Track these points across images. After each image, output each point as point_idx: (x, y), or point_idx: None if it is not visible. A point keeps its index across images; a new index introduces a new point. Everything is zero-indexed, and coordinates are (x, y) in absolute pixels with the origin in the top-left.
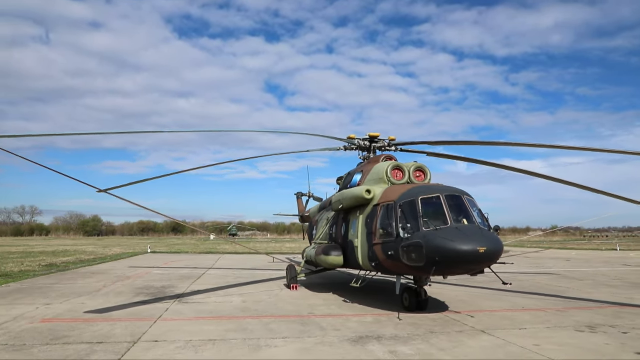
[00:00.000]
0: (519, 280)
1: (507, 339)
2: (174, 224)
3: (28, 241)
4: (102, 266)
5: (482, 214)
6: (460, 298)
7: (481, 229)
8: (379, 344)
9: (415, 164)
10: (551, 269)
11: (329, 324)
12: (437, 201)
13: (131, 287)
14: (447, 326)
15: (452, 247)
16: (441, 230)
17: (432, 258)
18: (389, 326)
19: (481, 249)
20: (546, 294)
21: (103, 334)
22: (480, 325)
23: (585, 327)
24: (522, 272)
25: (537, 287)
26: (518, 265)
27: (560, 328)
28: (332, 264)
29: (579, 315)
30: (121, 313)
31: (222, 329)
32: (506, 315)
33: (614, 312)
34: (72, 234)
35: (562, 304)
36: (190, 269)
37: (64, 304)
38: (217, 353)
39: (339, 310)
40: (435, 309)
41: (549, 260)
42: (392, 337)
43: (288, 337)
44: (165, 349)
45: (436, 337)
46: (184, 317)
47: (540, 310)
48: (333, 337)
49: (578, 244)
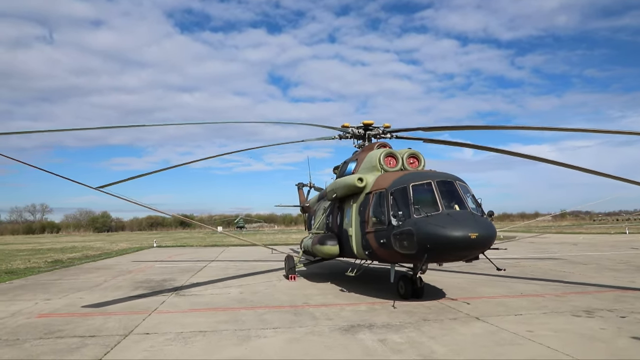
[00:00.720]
0: (521, 266)
1: (500, 325)
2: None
3: (39, 239)
4: (106, 261)
5: (475, 200)
6: (460, 285)
7: (473, 214)
8: (370, 333)
9: (408, 150)
10: (556, 254)
11: (322, 313)
12: (428, 188)
13: (131, 281)
14: (441, 314)
15: (443, 234)
16: (432, 217)
17: (423, 245)
18: (383, 315)
19: (473, 235)
20: (547, 279)
21: (96, 328)
22: (475, 312)
23: (583, 312)
24: (526, 258)
25: (539, 273)
26: (522, 251)
27: (557, 314)
28: (327, 253)
29: (578, 300)
30: (117, 307)
31: (214, 321)
32: (503, 301)
33: (615, 296)
34: (83, 230)
35: (562, 289)
36: (193, 262)
37: (62, 299)
38: (207, 344)
39: (334, 299)
40: (432, 296)
41: (555, 245)
42: (384, 325)
43: (279, 327)
44: (155, 341)
45: (429, 325)
46: (178, 310)
47: (538, 295)
48: (324, 327)
49: (586, 228)
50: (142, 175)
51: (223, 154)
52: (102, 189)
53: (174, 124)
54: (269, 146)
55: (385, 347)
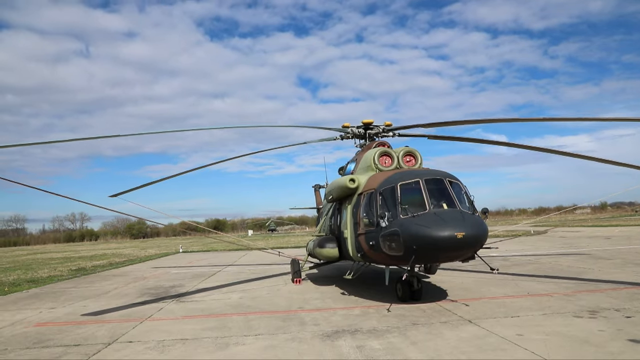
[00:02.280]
0: (540, 263)
1: (491, 329)
2: (214, 223)
3: (76, 247)
4: (126, 268)
5: (468, 198)
6: (465, 285)
7: (462, 213)
8: (351, 339)
9: (404, 148)
10: (583, 249)
11: (312, 318)
12: (416, 186)
13: (141, 288)
14: (434, 317)
15: (428, 234)
16: (418, 217)
17: (410, 247)
18: (373, 319)
19: (459, 234)
20: (562, 277)
21: (85, 337)
22: (470, 315)
23: (587, 312)
24: (548, 254)
25: (555, 270)
26: (547, 247)
27: (558, 314)
28: (327, 256)
29: (587, 298)
30: (115, 315)
31: (201, 328)
32: (505, 302)
33: (629, 294)
34: (120, 237)
35: (574, 287)
36: (209, 267)
37: (66, 308)
38: (182, 352)
39: (331, 303)
40: (431, 298)
41: (586, 239)
42: (370, 330)
43: (262, 334)
44: (133, 350)
45: (416, 329)
46: (172, 317)
47: (546, 295)
48: (308, 333)
49: (626, 220)
50: (155, 182)
51: (230, 158)
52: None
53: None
54: (275, 149)
55: (360, 353)
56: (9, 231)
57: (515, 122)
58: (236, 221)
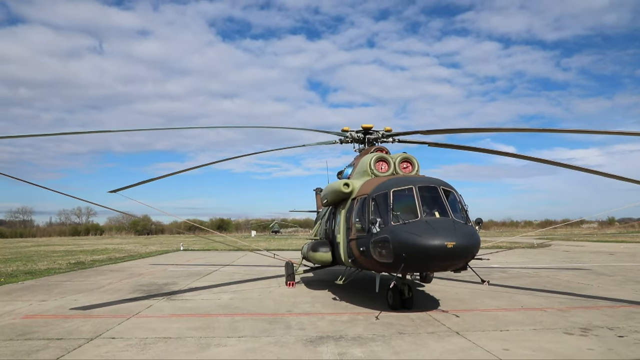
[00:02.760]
0: (538, 276)
1: (478, 342)
2: (219, 222)
3: (80, 241)
4: (124, 264)
5: (462, 207)
6: (459, 296)
7: (455, 222)
8: (334, 346)
9: (401, 155)
10: (584, 264)
11: (298, 322)
12: (409, 193)
13: (134, 284)
14: (422, 327)
15: (418, 243)
16: (409, 224)
17: (399, 254)
18: (360, 326)
19: (449, 244)
20: (559, 291)
21: (70, 331)
22: (459, 327)
23: (579, 329)
24: (549, 268)
25: (553, 284)
26: (548, 260)
27: (549, 330)
28: (320, 260)
29: (581, 315)
30: (104, 310)
31: (186, 327)
32: (497, 315)
33: (625, 312)
34: (125, 233)
35: (570, 302)
36: (206, 266)
37: (57, 301)
38: (161, 351)
39: (321, 308)
40: (422, 307)
41: (589, 254)
42: (355, 337)
43: (246, 336)
44: (114, 346)
45: (402, 339)
46: (159, 315)
47: (539, 309)
48: (291, 337)
49: (632, 236)
50: (154, 179)
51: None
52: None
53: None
54: (273, 150)
55: None
56: (16, 223)
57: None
58: (240, 221)
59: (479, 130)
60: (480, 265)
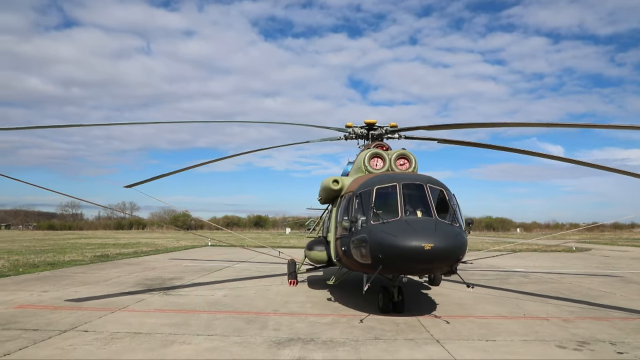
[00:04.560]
0: (560, 282)
1: (455, 352)
2: (256, 219)
3: (120, 234)
4: (145, 258)
5: (451, 207)
6: (463, 300)
7: (438, 223)
8: (299, 349)
9: (398, 151)
10: (618, 271)
11: (277, 323)
12: (392, 191)
13: (141, 278)
14: (404, 332)
15: (394, 243)
16: (388, 224)
17: (376, 255)
18: (338, 329)
19: (427, 245)
20: (574, 299)
21: (50, 322)
22: (443, 334)
23: (576, 342)
24: (576, 273)
25: (572, 291)
26: (578, 265)
27: (541, 342)
28: (315, 259)
29: (586, 327)
30: (95, 303)
31: (163, 323)
32: (492, 322)
33: (638, 325)
34: (165, 228)
35: (581, 312)
36: (221, 262)
37: (58, 292)
38: (123, 347)
39: (309, 309)
40: (416, 311)
41: (629, 260)
42: (325, 341)
43: (216, 334)
44: (80, 340)
45: (374, 344)
46: (145, 309)
47: (542, 318)
48: (260, 338)
49: None
50: (167, 175)
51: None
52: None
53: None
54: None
55: None
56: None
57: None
58: (277, 219)
59: (486, 125)
60: (502, 268)
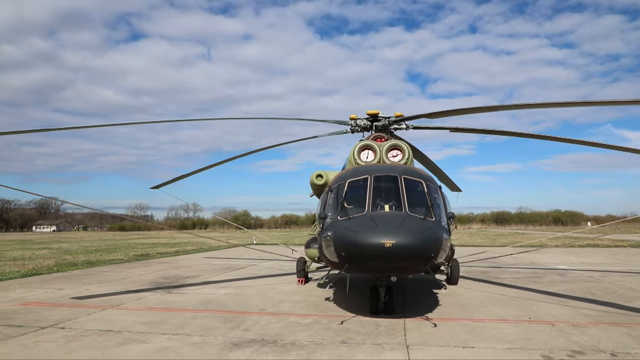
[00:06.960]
0: (599, 281)
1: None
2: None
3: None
4: (181, 257)
5: (428, 200)
6: (470, 302)
7: (406, 218)
8: (251, 352)
9: (391, 141)
10: None
11: (254, 323)
12: (363, 184)
13: (158, 276)
14: (377, 336)
15: (354, 240)
16: (352, 219)
17: (339, 253)
18: (312, 330)
19: (388, 243)
20: (601, 301)
21: (39, 319)
22: (418, 339)
23: (569, 352)
24: (628, 272)
25: (607, 292)
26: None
27: (526, 351)
28: (311, 257)
29: (593, 333)
30: (95, 300)
31: (141, 321)
32: (486, 327)
33: None
34: (226, 227)
35: (599, 316)
36: (250, 260)
37: (71, 290)
38: (82, 345)
39: (297, 309)
40: (408, 312)
41: None
42: (287, 344)
43: (184, 334)
44: (49, 337)
45: (335, 349)
46: (136, 307)
47: (547, 322)
48: (223, 339)
49: None
50: (189, 174)
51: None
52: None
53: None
54: (285, 144)
55: None
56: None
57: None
58: None
59: (485, 110)
60: (541, 266)
